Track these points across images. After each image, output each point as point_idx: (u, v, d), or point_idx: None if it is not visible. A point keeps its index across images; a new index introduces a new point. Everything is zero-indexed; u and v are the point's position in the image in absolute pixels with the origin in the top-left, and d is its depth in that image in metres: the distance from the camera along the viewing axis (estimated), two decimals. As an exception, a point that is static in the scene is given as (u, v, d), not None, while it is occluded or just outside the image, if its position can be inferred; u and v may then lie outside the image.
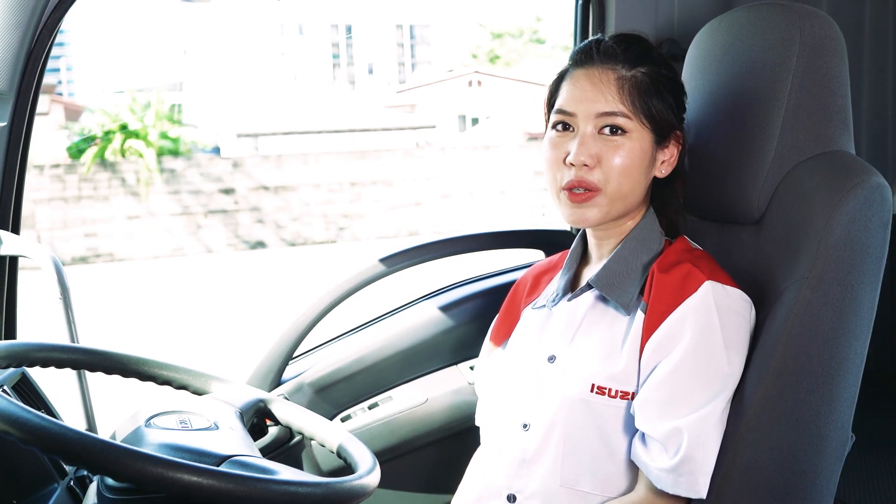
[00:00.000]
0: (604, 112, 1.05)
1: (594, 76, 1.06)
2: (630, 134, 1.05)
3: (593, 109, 1.05)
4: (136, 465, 0.76)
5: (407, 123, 15.90)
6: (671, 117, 1.09)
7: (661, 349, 1.01)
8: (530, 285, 1.27)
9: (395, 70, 32.36)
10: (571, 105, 1.07)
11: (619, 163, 1.05)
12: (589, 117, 1.06)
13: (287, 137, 14.16)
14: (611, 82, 1.06)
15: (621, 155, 1.05)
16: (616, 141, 1.05)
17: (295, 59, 29.27)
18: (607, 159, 1.05)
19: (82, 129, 14.80)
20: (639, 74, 1.06)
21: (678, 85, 1.12)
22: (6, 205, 1.32)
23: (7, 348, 1.00)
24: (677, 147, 1.11)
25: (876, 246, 1.00)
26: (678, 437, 0.97)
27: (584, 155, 1.05)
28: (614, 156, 1.05)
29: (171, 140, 13.08)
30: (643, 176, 1.08)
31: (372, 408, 1.62)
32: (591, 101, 1.06)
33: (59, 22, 1.28)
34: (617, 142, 1.05)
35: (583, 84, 1.07)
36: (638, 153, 1.06)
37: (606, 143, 1.05)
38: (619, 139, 1.05)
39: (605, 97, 1.05)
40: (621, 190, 1.06)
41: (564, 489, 1.06)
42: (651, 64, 1.08)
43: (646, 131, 1.06)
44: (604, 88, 1.05)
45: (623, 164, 1.05)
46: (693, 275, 1.03)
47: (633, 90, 1.05)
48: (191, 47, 24.98)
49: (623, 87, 1.05)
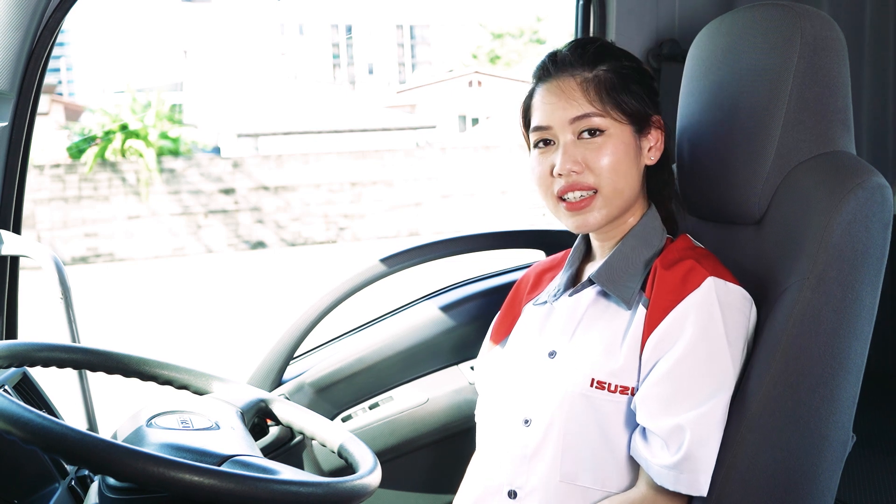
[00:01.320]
0: (576, 117, 1.07)
1: (557, 87, 1.09)
2: (608, 132, 1.07)
3: (565, 117, 1.07)
4: (137, 464, 0.76)
5: (407, 124, 15.90)
6: (643, 105, 1.09)
7: (662, 345, 1.01)
8: (532, 282, 1.27)
9: (395, 70, 32.37)
10: (545, 119, 1.09)
11: (606, 162, 1.06)
12: (564, 126, 1.07)
13: (287, 137, 14.16)
14: (574, 88, 1.07)
15: (606, 154, 1.06)
16: (597, 142, 1.07)
17: (295, 60, 29.28)
18: (593, 161, 1.06)
19: (83, 129, 14.81)
20: (600, 73, 1.08)
21: (643, 73, 1.12)
22: (7, 205, 1.32)
23: (8, 348, 1.00)
24: (660, 131, 1.12)
25: (876, 246, 1.00)
26: (680, 434, 0.97)
27: (568, 163, 1.06)
28: (599, 157, 1.06)
29: (171, 140, 13.08)
30: (633, 168, 1.09)
31: (373, 408, 1.62)
32: (561, 111, 1.07)
33: (60, 22, 1.28)
34: (598, 143, 1.07)
35: (549, 97, 1.09)
36: (622, 148, 1.07)
37: (588, 146, 1.07)
38: (599, 140, 1.07)
39: (572, 103, 1.07)
40: (616, 187, 1.07)
41: (564, 484, 1.06)
42: (610, 60, 1.09)
43: (623, 125, 1.08)
44: (569, 96, 1.07)
45: (610, 163, 1.06)
46: (695, 271, 1.03)
47: (598, 89, 1.07)
48: (191, 47, 24.98)
49: (588, 89, 1.07)
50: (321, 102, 15.52)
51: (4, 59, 1.20)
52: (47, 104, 13.23)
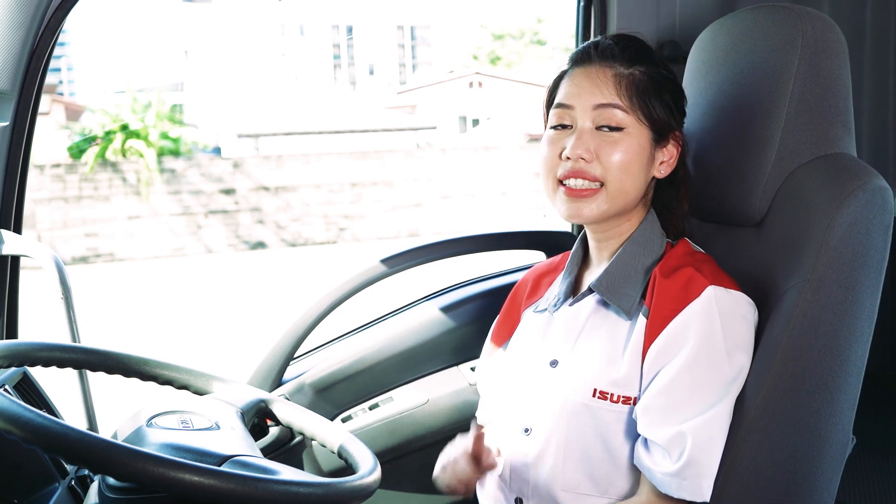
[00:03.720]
0: (601, 104, 1.05)
1: (592, 73, 1.07)
2: (628, 130, 1.05)
3: (590, 102, 1.06)
4: (137, 464, 0.76)
5: (407, 124, 15.89)
6: (669, 117, 1.08)
7: (663, 355, 1.01)
8: (531, 287, 1.26)
9: (395, 71, 32.37)
10: (570, 98, 1.08)
11: (618, 158, 1.05)
12: (586, 110, 1.06)
13: (288, 138, 14.16)
14: (608, 78, 1.06)
15: (620, 150, 1.05)
16: (614, 137, 1.05)
17: (296, 60, 29.28)
18: (605, 154, 1.05)
19: (83, 129, 14.81)
20: (636, 72, 1.07)
21: (677, 87, 1.11)
22: (7, 205, 1.32)
23: (8, 348, 1.00)
24: (677, 148, 1.10)
25: (877, 248, 1.00)
26: (682, 441, 0.97)
27: (580, 149, 1.05)
28: (613, 151, 1.05)
29: (171, 140, 13.08)
30: (642, 173, 1.08)
31: (373, 408, 1.62)
32: (588, 95, 1.06)
33: (61, 22, 1.28)
34: (615, 137, 1.05)
35: (580, 80, 1.08)
36: (636, 149, 1.06)
37: (604, 138, 1.05)
38: (616, 135, 1.05)
39: (602, 91, 1.06)
40: (623, 186, 1.06)
41: (567, 493, 1.06)
42: (649, 64, 1.08)
43: (643, 128, 1.06)
44: (601, 83, 1.06)
45: (622, 160, 1.05)
46: (695, 279, 1.02)
47: (630, 86, 1.06)
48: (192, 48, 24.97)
49: (620, 83, 1.06)
50: (322, 103, 15.52)
51: (5, 59, 1.20)
52: (48, 104, 13.22)
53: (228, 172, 12.25)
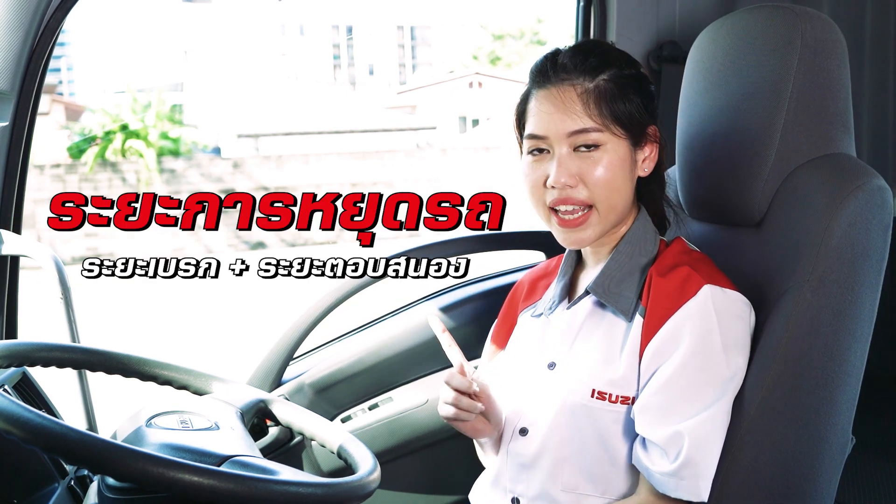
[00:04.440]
0: (574, 131, 1.03)
1: (556, 96, 1.04)
2: (605, 146, 1.04)
3: (563, 129, 1.04)
4: (137, 464, 0.76)
5: (408, 125, 15.90)
6: (642, 116, 1.06)
7: (660, 354, 1.01)
8: (527, 290, 1.26)
9: (395, 71, 32.36)
10: (541, 129, 1.05)
11: (602, 176, 1.03)
12: (561, 138, 1.04)
13: (288, 138, 14.16)
14: (574, 99, 1.03)
15: (601, 168, 1.03)
16: (593, 156, 1.04)
17: (296, 60, 29.27)
18: (588, 175, 1.04)
19: (83, 129, 14.82)
20: (601, 83, 1.04)
21: (642, 80, 1.09)
22: (7, 205, 1.33)
23: (8, 348, 1.00)
24: (655, 142, 1.09)
25: (876, 249, 1.00)
26: (679, 441, 0.97)
27: (563, 176, 1.03)
28: (595, 170, 1.03)
29: (171, 140, 13.10)
30: (627, 182, 1.07)
31: (372, 408, 1.62)
32: (559, 122, 1.04)
33: (60, 22, 1.28)
34: (594, 157, 1.04)
35: (547, 106, 1.05)
36: (618, 163, 1.04)
37: (584, 159, 1.04)
38: (595, 154, 1.04)
39: (572, 116, 1.03)
40: (611, 203, 1.05)
41: (565, 493, 1.06)
42: (611, 68, 1.05)
43: (620, 140, 1.05)
44: (568, 107, 1.03)
45: (605, 177, 1.04)
46: (691, 278, 1.02)
47: (598, 101, 1.03)
48: (192, 48, 24.99)
49: (588, 101, 1.03)
50: (322, 103, 15.53)
51: (5, 60, 1.20)
52: (48, 104, 13.23)
53: (228, 172, 12.26)
